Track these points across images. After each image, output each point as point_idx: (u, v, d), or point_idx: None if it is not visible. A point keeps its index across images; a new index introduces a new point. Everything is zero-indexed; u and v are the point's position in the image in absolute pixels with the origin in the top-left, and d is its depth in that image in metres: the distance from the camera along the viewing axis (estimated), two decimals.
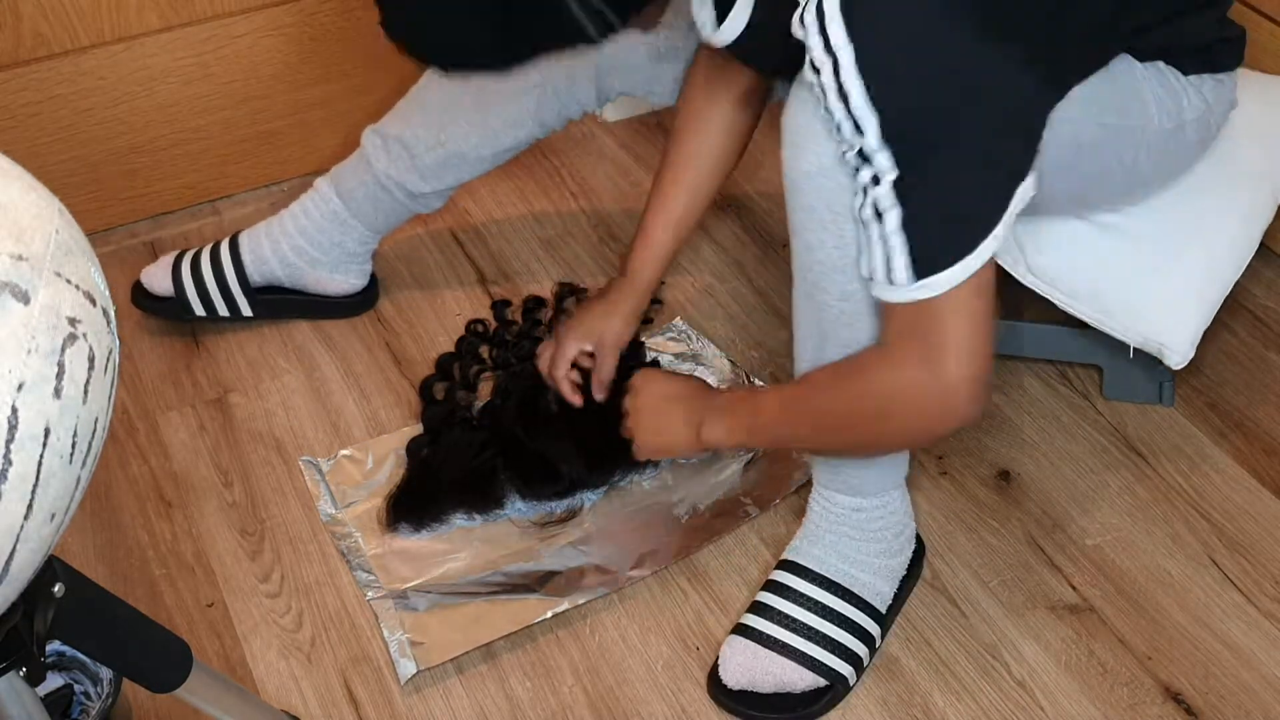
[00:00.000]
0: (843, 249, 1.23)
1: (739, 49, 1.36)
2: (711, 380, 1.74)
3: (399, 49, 1.20)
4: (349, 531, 1.59)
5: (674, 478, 1.63)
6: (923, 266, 1.18)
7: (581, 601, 1.50)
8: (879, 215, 1.17)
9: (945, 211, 1.17)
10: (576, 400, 1.63)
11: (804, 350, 1.35)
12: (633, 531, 1.57)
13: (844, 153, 1.17)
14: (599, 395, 1.63)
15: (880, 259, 1.19)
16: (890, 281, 1.19)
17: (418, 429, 1.69)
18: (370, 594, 1.52)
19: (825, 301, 1.28)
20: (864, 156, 1.15)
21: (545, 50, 1.20)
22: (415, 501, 1.60)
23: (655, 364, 1.74)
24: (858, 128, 1.13)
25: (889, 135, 1.13)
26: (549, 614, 1.48)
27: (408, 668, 1.44)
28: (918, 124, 1.14)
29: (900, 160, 1.14)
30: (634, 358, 1.72)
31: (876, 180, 1.15)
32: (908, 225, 1.16)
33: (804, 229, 1.25)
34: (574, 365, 1.65)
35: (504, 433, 1.64)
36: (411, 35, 1.20)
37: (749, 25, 1.32)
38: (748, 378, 1.74)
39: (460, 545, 1.57)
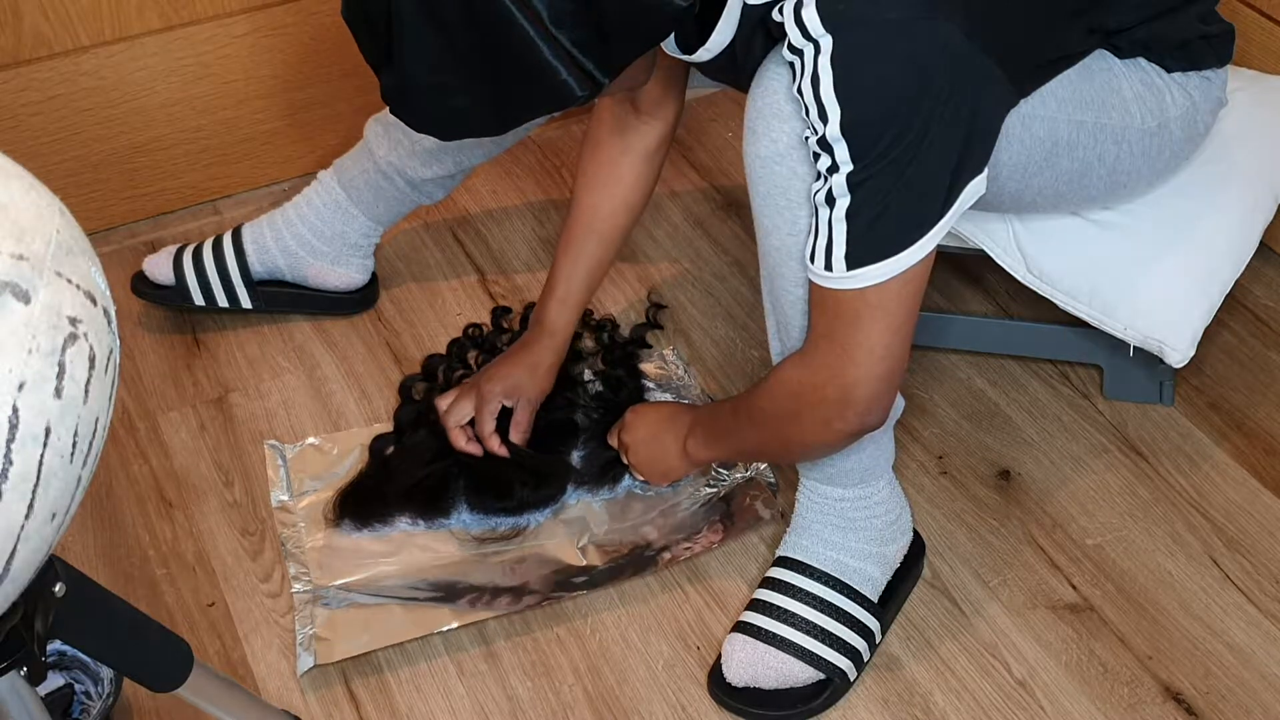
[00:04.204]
0: (796, 235, 1.26)
1: (714, 68, 1.37)
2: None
3: (400, 119, 1.24)
4: (295, 521, 1.59)
5: (621, 510, 1.60)
6: (858, 257, 1.21)
7: (491, 616, 1.48)
8: (830, 201, 1.20)
9: (889, 206, 1.19)
10: (503, 452, 1.60)
11: (771, 336, 1.38)
12: (567, 559, 1.54)
13: (806, 137, 1.20)
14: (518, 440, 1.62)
15: (823, 244, 1.22)
16: (828, 268, 1.22)
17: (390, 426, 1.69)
18: (296, 586, 1.52)
19: (783, 287, 1.31)
20: (825, 145, 1.17)
21: (537, 114, 1.23)
22: (363, 500, 1.59)
23: (641, 389, 1.72)
24: (823, 114, 1.16)
25: (850, 128, 1.16)
26: (454, 624, 1.47)
27: (306, 661, 1.44)
28: (880, 122, 1.16)
29: (856, 154, 1.17)
30: (632, 380, 1.72)
31: (835, 169, 1.18)
32: (851, 215, 1.19)
33: (761, 214, 1.28)
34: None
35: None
36: (411, 110, 1.23)
37: (730, 44, 1.32)
38: None
39: (398, 549, 1.56)
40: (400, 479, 1.61)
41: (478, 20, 1.14)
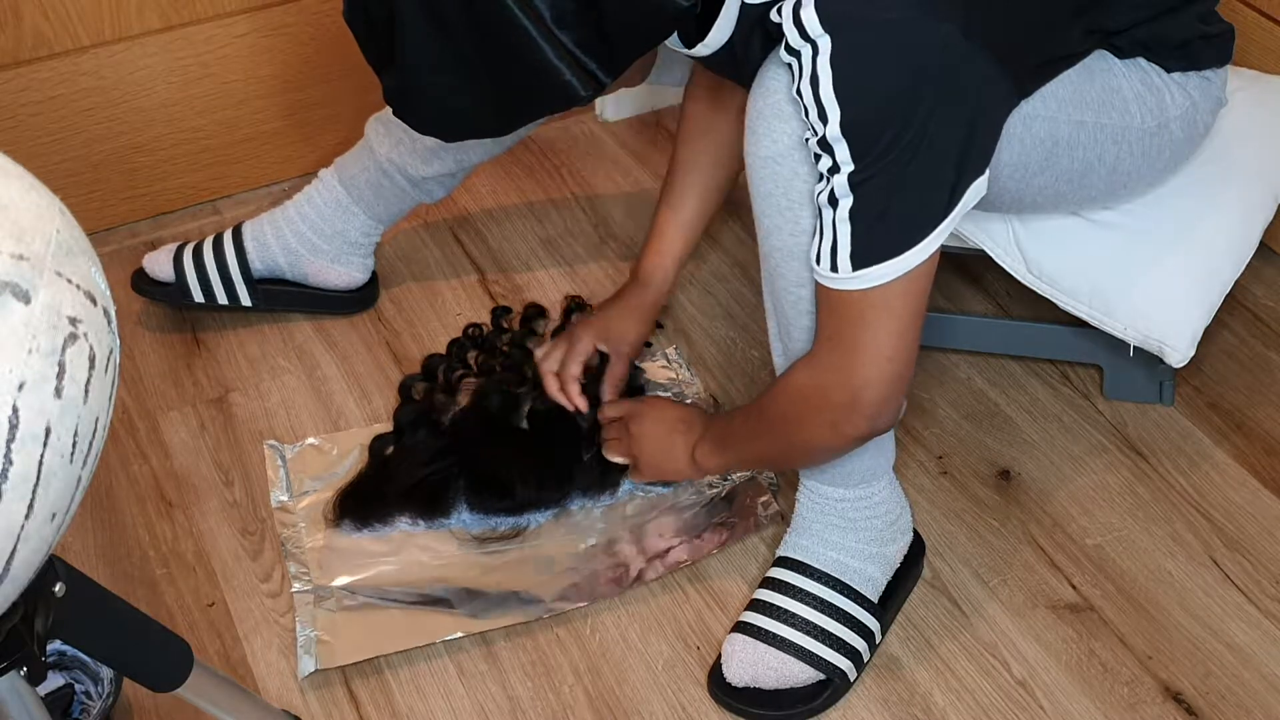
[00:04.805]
0: (798, 236, 1.26)
1: (715, 62, 1.37)
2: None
3: (402, 120, 1.25)
4: (295, 521, 1.59)
5: (622, 512, 1.59)
6: (863, 257, 1.21)
7: (496, 626, 1.48)
8: (833, 202, 1.20)
9: (892, 206, 1.19)
10: (583, 406, 1.62)
11: (772, 338, 1.38)
12: (568, 561, 1.54)
13: (806, 139, 1.20)
14: (610, 396, 1.63)
15: (827, 245, 1.22)
16: (833, 269, 1.22)
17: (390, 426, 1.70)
18: (296, 585, 1.52)
19: (784, 287, 1.31)
20: (826, 145, 1.17)
21: (540, 115, 1.24)
22: (363, 500, 1.59)
23: (642, 388, 1.72)
24: (822, 115, 1.16)
25: (849, 128, 1.16)
26: (459, 634, 1.47)
27: (307, 664, 1.44)
28: (880, 121, 1.16)
29: (857, 154, 1.16)
30: (629, 380, 1.72)
31: (835, 170, 1.18)
32: (855, 215, 1.19)
33: (763, 214, 1.28)
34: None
35: (466, 442, 1.63)
36: (414, 112, 1.23)
37: (729, 41, 1.32)
38: None
39: (398, 549, 1.56)
40: (400, 479, 1.61)
41: (480, 21, 1.14)
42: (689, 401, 1.71)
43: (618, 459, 1.58)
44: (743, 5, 1.26)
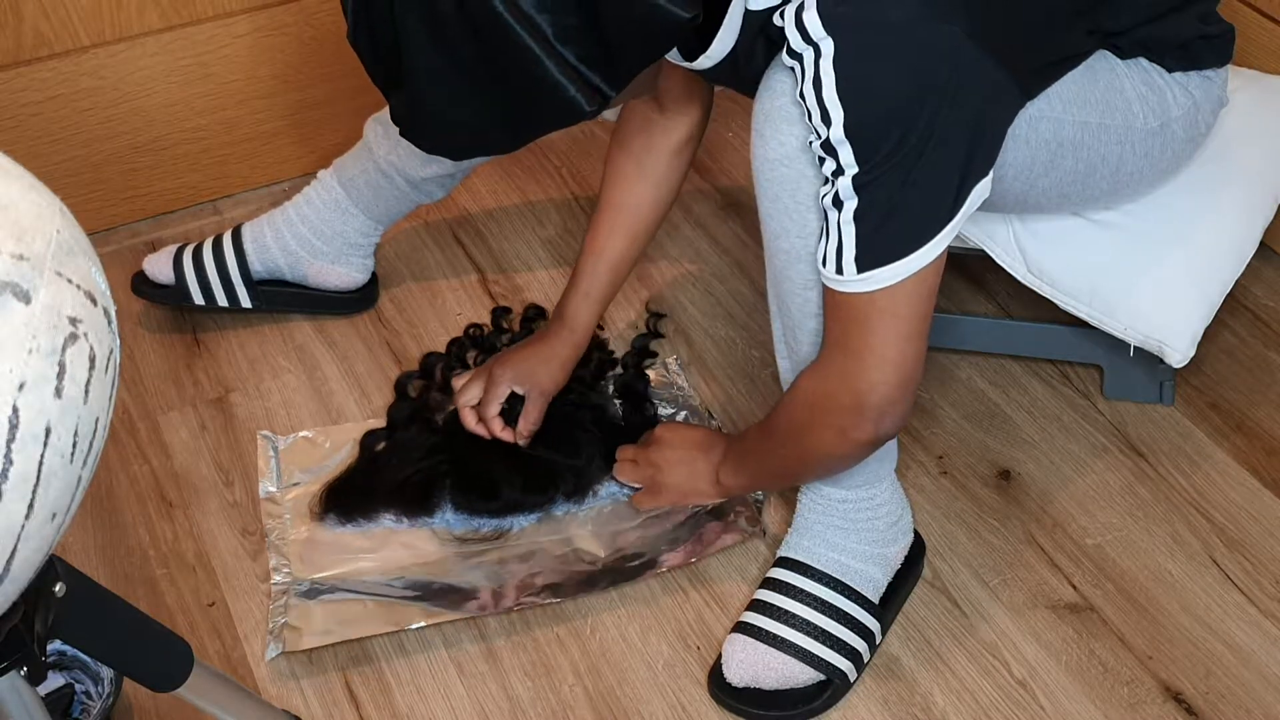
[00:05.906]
0: (805, 238, 1.26)
1: (716, 74, 1.37)
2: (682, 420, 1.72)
3: (410, 142, 1.25)
4: (281, 513, 1.59)
5: (607, 518, 1.58)
6: (868, 259, 1.21)
7: (462, 617, 1.47)
8: (838, 204, 1.20)
9: (897, 208, 1.19)
10: (508, 437, 1.61)
11: (777, 341, 1.38)
12: (544, 562, 1.54)
13: (810, 141, 1.19)
14: (523, 441, 1.61)
15: (833, 247, 1.22)
16: (839, 271, 1.22)
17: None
18: (276, 578, 1.52)
19: (790, 290, 1.31)
20: (829, 148, 1.17)
21: (546, 131, 1.23)
22: (350, 495, 1.59)
23: (643, 394, 1.72)
24: (826, 118, 1.16)
25: (853, 131, 1.16)
26: (423, 623, 1.46)
27: (272, 649, 1.44)
28: (883, 124, 1.16)
29: (861, 157, 1.16)
30: (636, 387, 1.71)
31: (840, 172, 1.18)
32: (860, 217, 1.19)
33: (769, 217, 1.28)
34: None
35: (456, 441, 1.63)
36: (421, 133, 1.24)
37: (732, 51, 1.32)
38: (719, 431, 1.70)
39: (379, 545, 1.56)
40: (388, 475, 1.61)
41: (484, 41, 1.14)
42: (684, 414, 1.71)
43: (631, 483, 1.58)
44: (746, 12, 1.26)
